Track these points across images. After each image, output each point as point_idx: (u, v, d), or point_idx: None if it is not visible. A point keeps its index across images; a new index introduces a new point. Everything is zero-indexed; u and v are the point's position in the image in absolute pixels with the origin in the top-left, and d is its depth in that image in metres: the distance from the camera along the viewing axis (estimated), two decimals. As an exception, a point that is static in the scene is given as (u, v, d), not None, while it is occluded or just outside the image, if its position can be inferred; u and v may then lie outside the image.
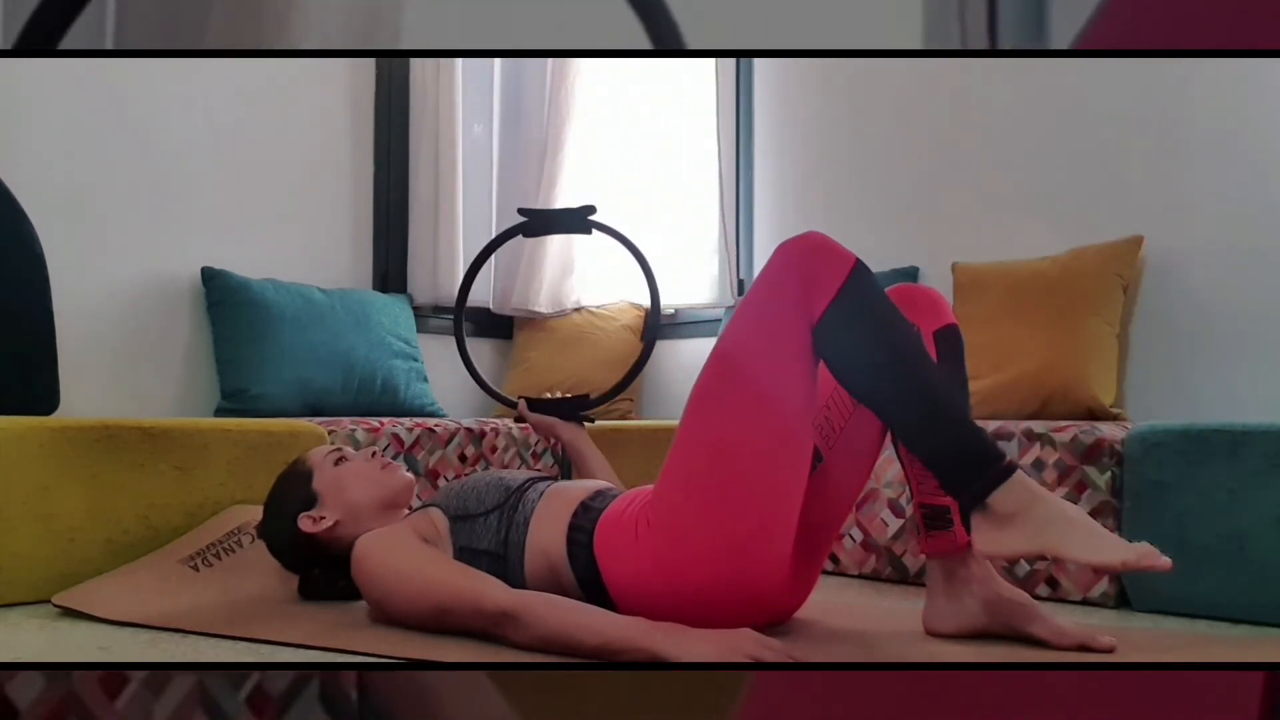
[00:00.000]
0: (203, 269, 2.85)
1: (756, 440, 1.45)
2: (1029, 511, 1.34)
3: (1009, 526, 1.34)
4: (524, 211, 2.09)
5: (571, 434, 2.05)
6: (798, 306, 1.43)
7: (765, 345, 1.45)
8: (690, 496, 1.48)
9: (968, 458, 1.37)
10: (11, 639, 1.57)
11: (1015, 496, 1.34)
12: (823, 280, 1.41)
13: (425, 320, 3.35)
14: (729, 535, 1.45)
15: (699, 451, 1.48)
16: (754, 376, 1.45)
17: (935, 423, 1.39)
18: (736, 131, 3.37)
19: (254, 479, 2.10)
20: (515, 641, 1.45)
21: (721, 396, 1.47)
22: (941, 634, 1.54)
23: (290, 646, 1.50)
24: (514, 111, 3.58)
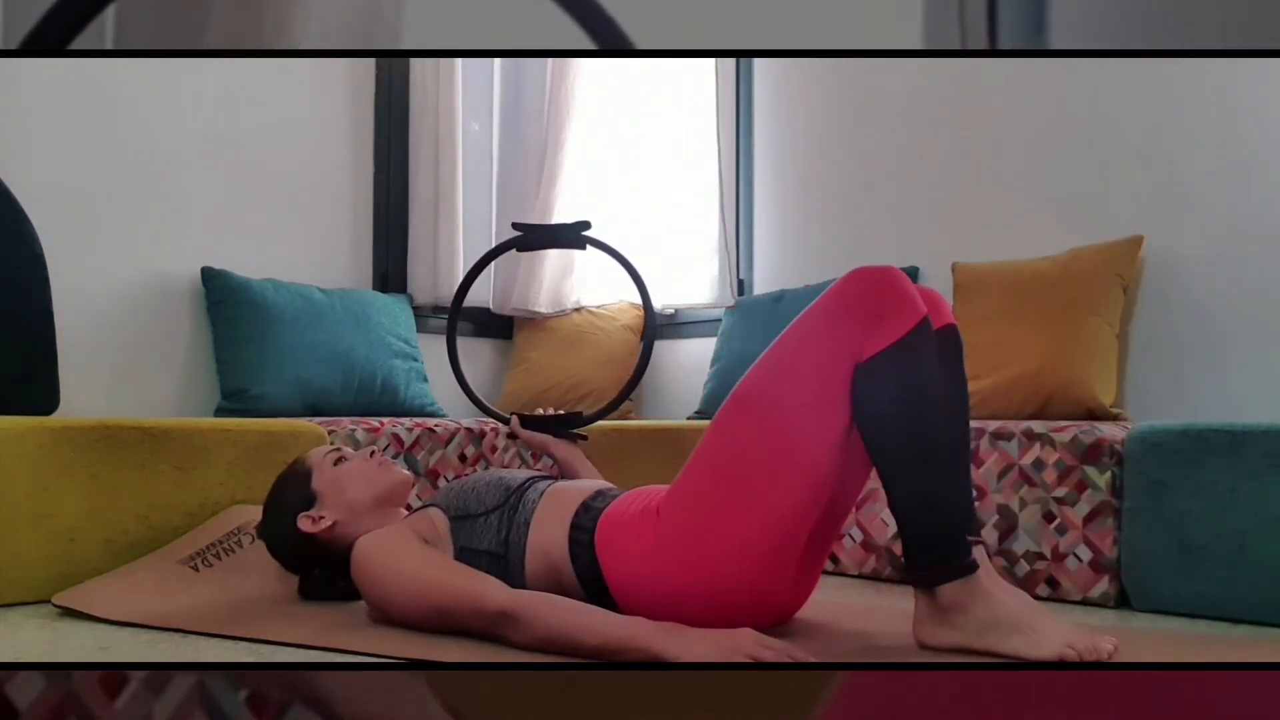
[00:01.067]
0: (203, 269, 2.85)
1: (782, 450, 1.45)
2: (970, 609, 1.40)
3: (947, 621, 1.41)
4: (519, 226, 2.09)
5: (565, 452, 2.04)
6: (853, 339, 1.43)
7: (810, 366, 1.45)
8: (711, 498, 1.48)
9: (937, 545, 1.41)
10: (11, 639, 1.57)
11: (963, 592, 1.40)
12: (887, 322, 1.41)
13: (425, 320, 3.35)
14: (744, 538, 1.46)
15: (725, 454, 1.49)
16: (793, 391, 1.45)
17: (927, 504, 1.42)
18: (736, 131, 3.37)
19: (254, 479, 2.10)
20: (515, 642, 1.45)
21: (759, 405, 1.48)
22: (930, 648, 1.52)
23: (290, 646, 1.50)
24: (514, 111, 3.58)
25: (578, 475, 2.00)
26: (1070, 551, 1.92)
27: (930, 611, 1.43)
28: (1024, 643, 1.37)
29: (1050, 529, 1.94)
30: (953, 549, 1.41)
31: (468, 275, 2.16)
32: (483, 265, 2.15)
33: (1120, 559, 1.88)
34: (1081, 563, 1.91)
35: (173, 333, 2.83)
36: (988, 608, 1.39)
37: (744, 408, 1.49)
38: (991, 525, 2.00)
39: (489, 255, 2.15)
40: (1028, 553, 1.97)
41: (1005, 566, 1.98)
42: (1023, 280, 2.55)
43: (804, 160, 3.27)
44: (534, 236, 2.10)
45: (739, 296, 3.27)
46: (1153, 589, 1.83)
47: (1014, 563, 1.98)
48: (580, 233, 2.06)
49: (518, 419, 2.06)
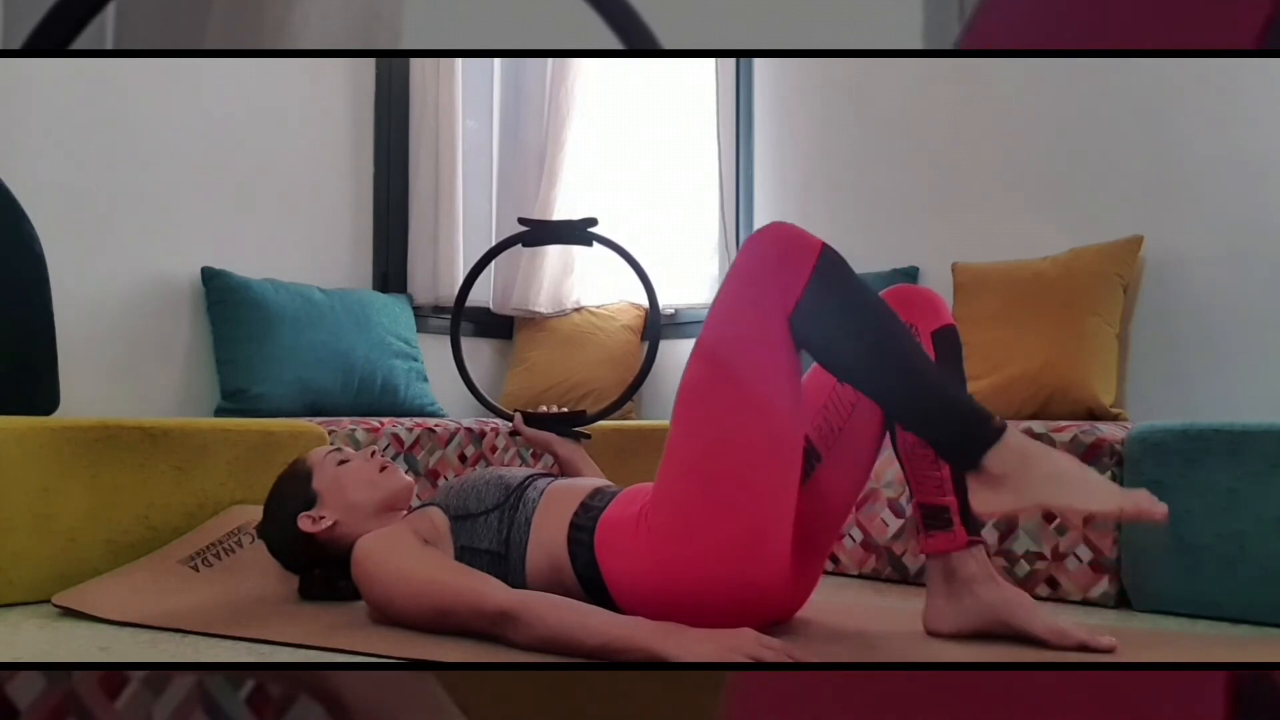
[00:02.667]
0: (203, 269, 2.85)
1: (746, 434, 1.45)
2: (1023, 470, 1.35)
3: (1003, 487, 1.36)
4: (524, 221, 2.08)
5: (568, 451, 2.03)
6: (772, 297, 1.43)
7: (744, 338, 1.46)
8: (685, 496, 1.48)
9: (958, 423, 1.39)
10: (11, 639, 1.57)
11: (1008, 456, 1.36)
12: (793, 268, 1.42)
13: (425, 320, 3.35)
14: (725, 532, 1.45)
15: (691, 450, 1.48)
16: (736, 370, 1.46)
17: (922, 393, 1.40)
18: (736, 131, 3.37)
19: (254, 479, 2.10)
20: (515, 642, 1.45)
21: (707, 393, 1.48)
22: (941, 634, 1.54)
23: (290, 646, 1.50)
24: (514, 111, 3.58)
25: (580, 474, 2.00)
26: (1070, 551, 1.92)
27: (983, 487, 1.38)
28: (1080, 495, 1.34)
29: (1050, 529, 1.94)
30: (971, 420, 1.38)
31: (473, 270, 2.16)
32: (487, 260, 2.15)
33: (1120, 559, 1.88)
34: (1081, 563, 1.91)
35: (173, 333, 2.83)
36: (1039, 462, 1.36)
37: (695, 401, 1.49)
38: (991, 525, 2.00)
39: (494, 250, 2.14)
40: (1028, 553, 1.97)
41: (1005, 566, 1.98)
42: (1023, 280, 2.55)
43: (804, 160, 3.27)
44: (540, 233, 2.09)
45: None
46: (1153, 589, 1.84)
47: (1014, 563, 1.98)
48: (587, 230, 2.05)
49: (521, 416, 2.05)
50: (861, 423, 1.59)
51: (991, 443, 1.36)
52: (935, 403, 1.40)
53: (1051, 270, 2.51)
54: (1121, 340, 2.45)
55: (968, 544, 1.51)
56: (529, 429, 2.04)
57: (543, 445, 2.05)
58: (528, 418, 2.05)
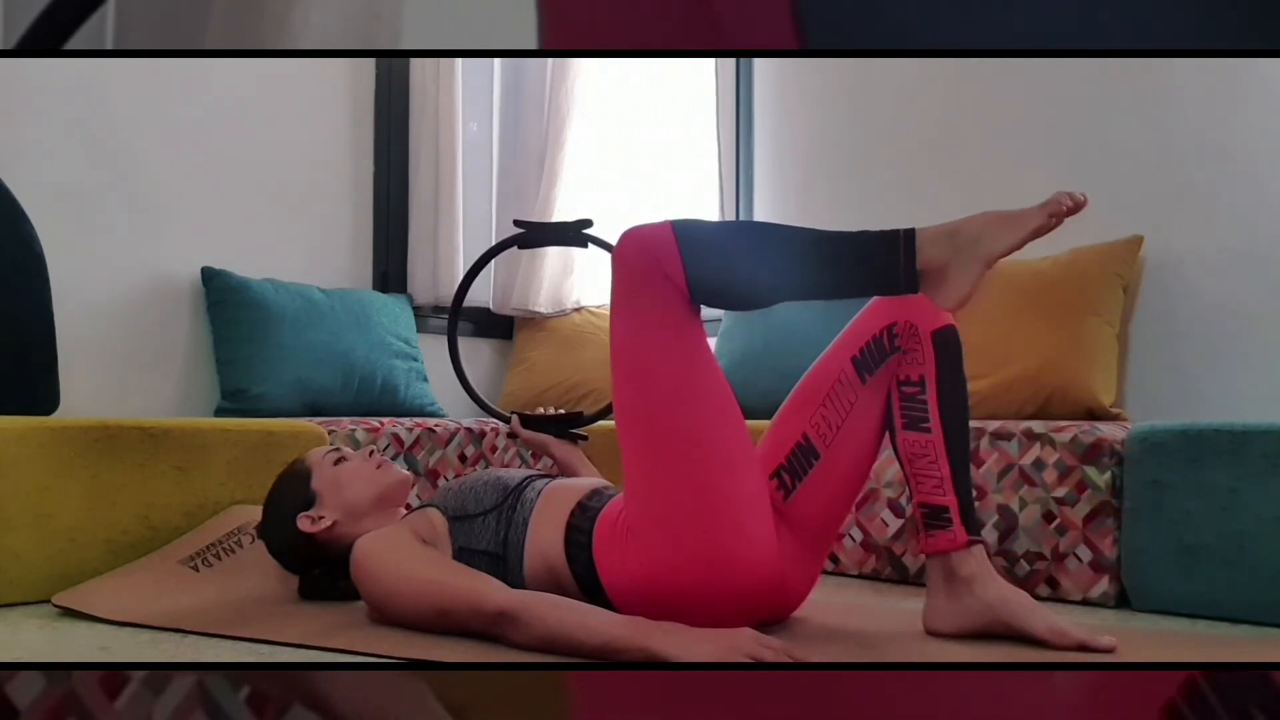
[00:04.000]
0: (203, 269, 2.85)
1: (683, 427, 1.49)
2: (957, 251, 1.46)
3: (949, 273, 1.45)
4: (520, 223, 2.09)
5: (565, 452, 2.04)
6: (659, 290, 1.49)
7: (652, 335, 1.52)
8: (648, 496, 1.51)
9: (873, 247, 1.45)
10: (11, 639, 1.57)
11: (940, 246, 1.45)
12: (663, 257, 1.48)
13: (425, 320, 3.35)
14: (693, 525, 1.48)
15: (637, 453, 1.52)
16: (658, 372, 1.51)
17: (826, 247, 1.46)
18: (736, 131, 3.36)
19: (254, 479, 2.10)
20: (515, 642, 1.45)
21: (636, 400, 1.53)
22: (941, 633, 1.54)
23: (290, 646, 1.50)
24: (514, 111, 3.58)
25: (578, 475, 2.00)
26: (1070, 551, 1.92)
27: (936, 280, 1.47)
28: (999, 240, 1.48)
29: (1050, 529, 1.94)
30: (879, 238, 1.46)
31: (469, 272, 2.16)
32: (484, 262, 2.16)
33: (1120, 559, 1.88)
34: (1081, 563, 1.91)
35: (173, 333, 2.83)
36: (966, 235, 1.50)
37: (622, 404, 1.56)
38: (991, 525, 2.00)
39: (491, 252, 2.15)
40: (1028, 553, 1.97)
41: (1005, 566, 1.98)
42: (1022, 280, 2.54)
43: (804, 160, 3.27)
44: (535, 234, 2.11)
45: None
46: (1153, 589, 1.83)
47: (1014, 563, 1.98)
48: (582, 231, 2.06)
49: (518, 418, 2.06)
50: (860, 422, 1.59)
51: (912, 240, 1.44)
52: (848, 247, 1.45)
53: (1051, 270, 2.51)
54: (1121, 340, 2.45)
55: (968, 544, 1.51)
56: (526, 431, 2.05)
57: (540, 447, 2.05)
58: (524, 419, 2.05)
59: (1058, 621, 1.48)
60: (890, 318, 1.57)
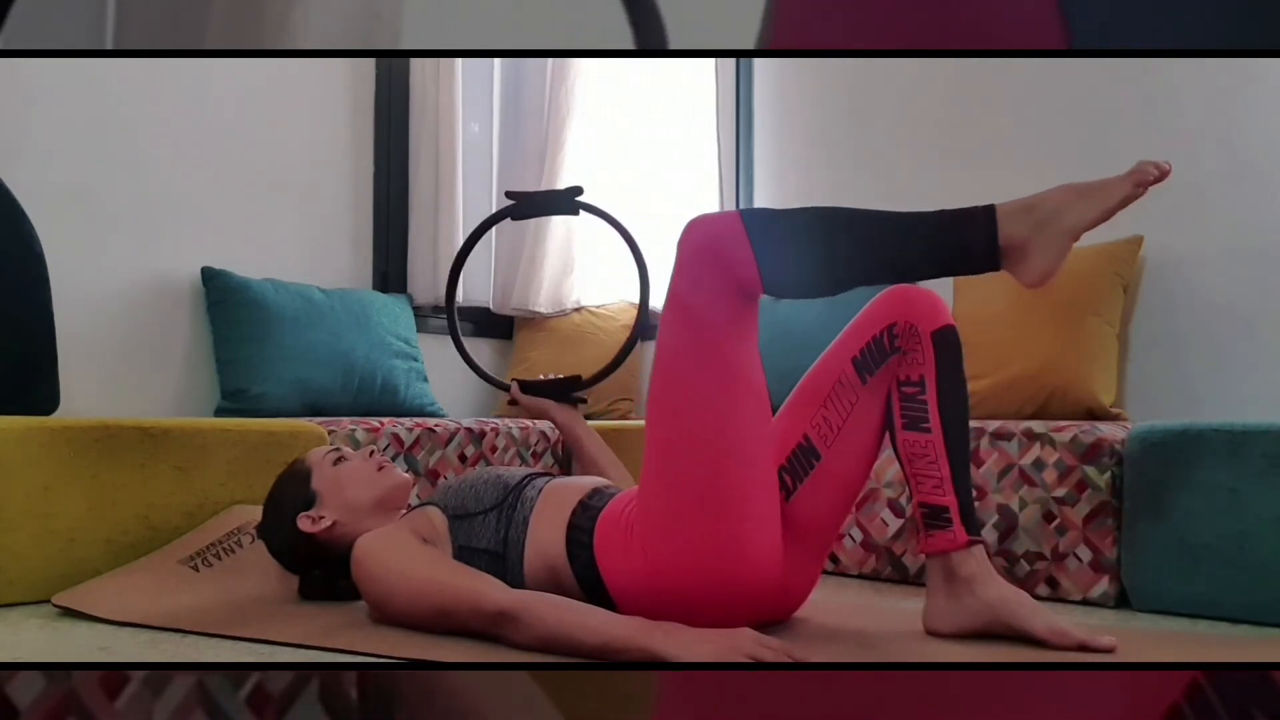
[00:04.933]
0: (203, 269, 2.84)
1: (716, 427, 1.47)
2: (1038, 226, 1.42)
3: (1030, 249, 1.42)
4: (511, 194, 2.09)
5: (566, 415, 2.05)
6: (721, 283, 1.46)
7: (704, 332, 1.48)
8: (665, 492, 1.50)
9: (951, 225, 1.44)
10: (11, 639, 1.57)
11: (1020, 222, 1.42)
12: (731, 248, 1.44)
13: (425, 320, 3.35)
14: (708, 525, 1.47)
15: (665, 447, 1.51)
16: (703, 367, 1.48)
17: (901, 227, 1.45)
18: (736, 131, 3.37)
19: (254, 479, 2.10)
20: (515, 641, 1.45)
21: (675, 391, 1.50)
22: (941, 633, 1.54)
23: (290, 646, 1.50)
24: (514, 111, 3.58)
25: (579, 439, 2.03)
26: (1070, 551, 1.92)
27: (1017, 257, 1.45)
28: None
29: (1050, 529, 1.94)
30: (960, 215, 1.45)
31: (464, 244, 2.17)
32: (479, 234, 2.16)
33: (1120, 559, 1.88)
34: (1081, 563, 1.91)
35: (173, 333, 2.83)
36: (1048, 209, 1.45)
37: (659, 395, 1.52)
38: (991, 525, 2.00)
39: (484, 224, 2.15)
40: (1028, 553, 1.97)
41: (1005, 566, 1.98)
42: (1023, 280, 2.54)
43: (804, 160, 3.27)
44: (528, 205, 2.10)
45: (739, 296, 3.27)
46: (1153, 589, 1.83)
47: (1014, 563, 1.98)
48: (573, 199, 2.06)
49: (517, 385, 2.07)
50: (861, 422, 1.59)
51: (993, 218, 1.41)
52: (929, 227, 1.44)
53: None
54: (1121, 340, 2.45)
55: (968, 544, 1.51)
56: (526, 396, 2.06)
57: (540, 411, 2.06)
58: (524, 385, 2.07)
59: (1058, 621, 1.48)
60: (890, 318, 1.57)
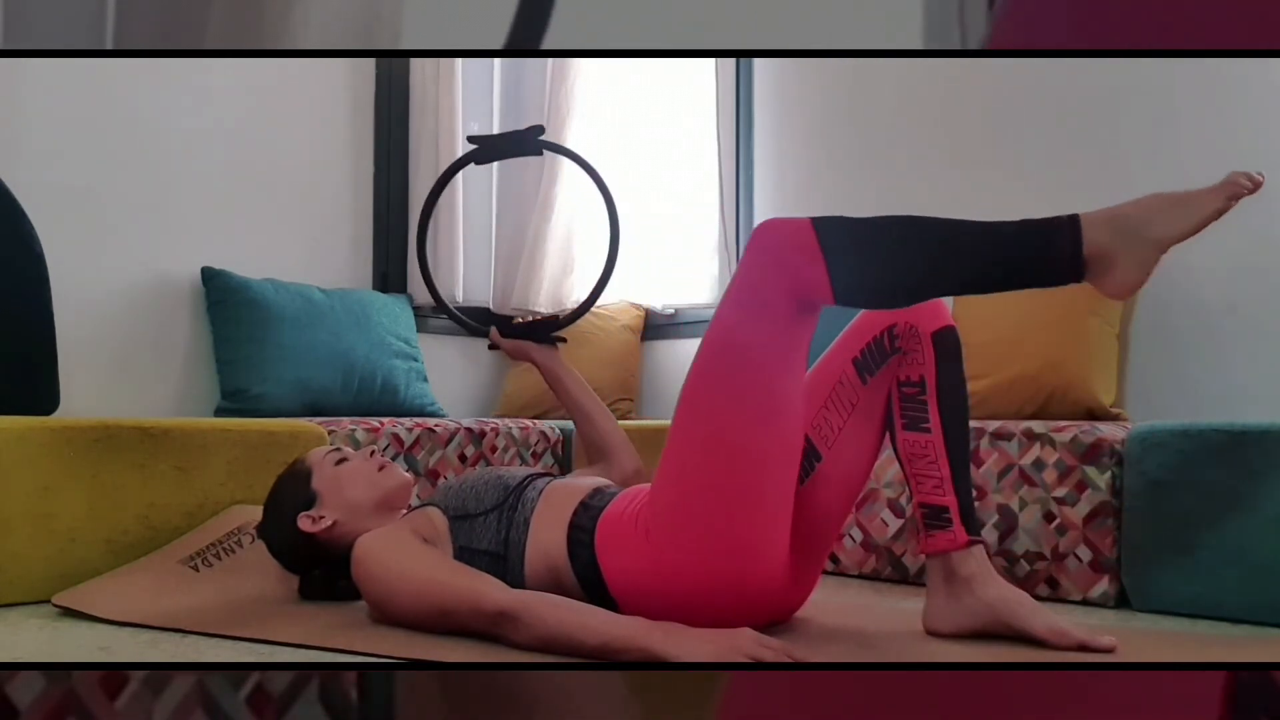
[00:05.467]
0: (203, 269, 2.85)
1: (749, 435, 1.45)
2: (1124, 237, 1.40)
3: (1116, 261, 1.40)
4: (473, 139, 2.07)
5: (545, 356, 2.05)
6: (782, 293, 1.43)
7: (754, 340, 1.45)
8: (684, 494, 1.48)
9: (1034, 235, 1.42)
10: (11, 639, 1.57)
11: (1106, 232, 1.41)
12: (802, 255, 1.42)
13: (425, 320, 3.35)
14: (723, 533, 1.46)
15: (691, 447, 1.48)
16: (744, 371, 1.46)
17: (982, 237, 1.44)
18: (736, 131, 3.36)
19: (254, 479, 2.10)
20: (515, 642, 1.44)
21: (712, 392, 1.48)
22: (941, 634, 1.54)
23: (290, 646, 1.50)
24: (514, 111, 3.58)
25: (559, 379, 2.02)
26: (1070, 551, 1.92)
27: (1101, 267, 1.43)
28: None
29: (1050, 529, 1.94)
30: (1043, 224, 1.45)
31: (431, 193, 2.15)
32: (446, 180, 2.14)
33: (1120, 559, 1.88)
34: (1081, 563, 1.91)
35: (173, 333, 2.83)
36: (1134, 218, 1.45)
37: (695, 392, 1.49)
38: (991, 525, 2.00)
39: (450, 171, 2.13)
40: (1028, 553, 1.97)
41: (1005, 566, 1.98)
42: (1023, 280, 2.54)
43: (804, 160, 3.27)
44: (490, 148, 2.06)
45: (739, 296, 3.27)
46: (1153, 589, 1.83)
47: (1014, 563, 1.98)
48: (535, 139, 2.04)
49: (496, 329, 2.07)
50: (862, 422, 1.59)
51: (1078, 227, 1.40)
52: (1008, 237, 1.41)
53: (1051, 270, 2.51)
54: (1121, 340, 2.45)
55: (968, 544, 1.51)
56: (506, 340, 2.06)
57: (521, 353, 2.06)
58: (503, 329, 2.07)
59: (1058, 621, 1.48)
60: (890, 318, 1.57)
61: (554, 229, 3.44)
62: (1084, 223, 1.39)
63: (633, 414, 3.36)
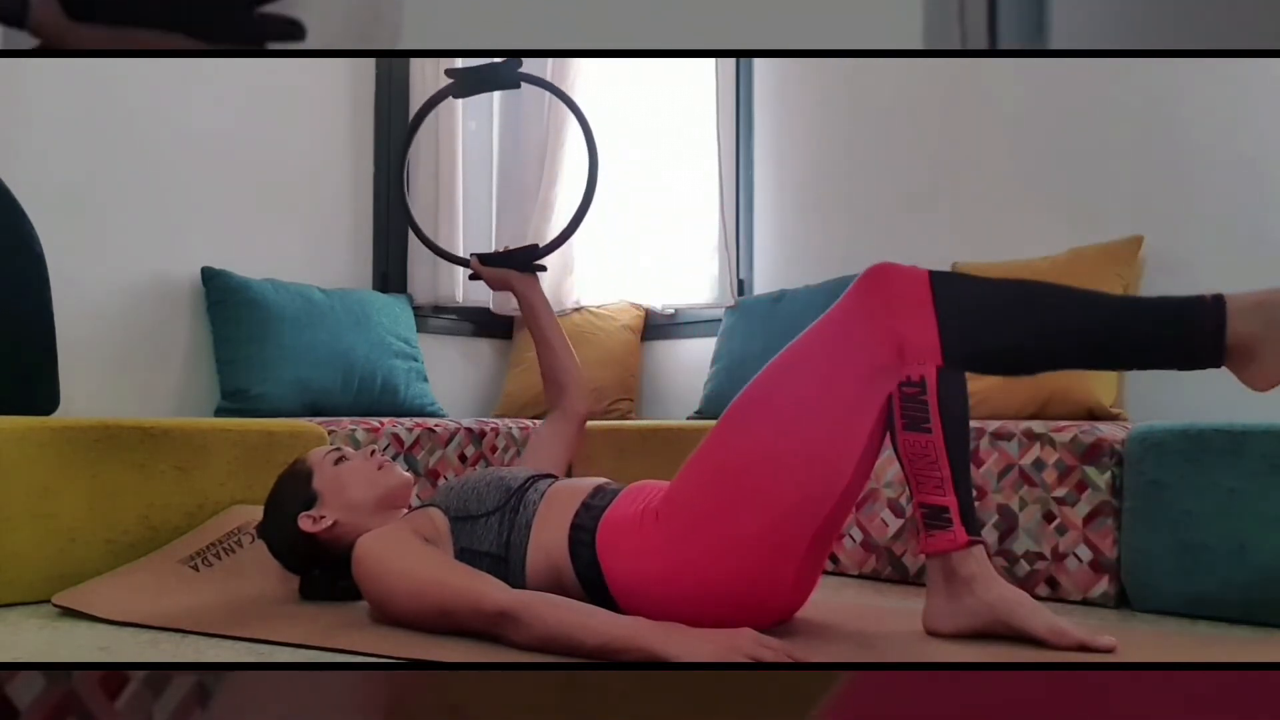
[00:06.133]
0: (203, 269, 2.85)
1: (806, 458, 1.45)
2: (1271, 326, 1.34)
3: (1260, 352, 1.35)
4: (450, 72, 2.09)
5: (525, 284, 2.08)
6: (886, 346, 1.40)
7: (837, 374, 1.43)
8: (715, 495, 1.48)
9: (1172, 315, 1.33)
10: (11, 639, 1.57)
11: (1252, 320, 1.35)
12: (911, 307, 1.38)
13: (425, 320, 3.35)
14: (744, 540, 1.46)
15: (734, 455, 1.48)
16: (817, 405, 1.44)
17: (1114, 312, 1.35)
18: (736, 131, 3.36)
19: (254, 479, 2.10)
20: (515, 641, 1.44)
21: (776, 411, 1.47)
22: (941, 634, 1.54)
23: (290, 646, 1.50)
24: (514, 111, 3.58)
25: (535, 310, 2.06)
26: (1070, 551, 1.92)
27: (1243, 361, 1.39)
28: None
29: (1050, 529, 1.94)
30: (1181, 304, 1.36)
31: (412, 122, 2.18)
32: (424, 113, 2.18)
33: (1120, 559, 1.88)
34: (1081, 563, 1.91)
35: (173, 333, 2.83)
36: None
37: (760, 406, 1.49)
38: (991, 525, 2.00)
39: (428, 104, 2.16)
40: (1028, 553, 1.97)
41: (1005, 566, 1.98)
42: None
43: (804, 160, 3.27)
44: (468, 81, 2.09)
45: (739, 296, 3.27)
46: (1153, 589, 1.83)
47: (1014, 563, 1.98)
48: (515, 71, 2.06)
49: (476, 258, 2.09)
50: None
51: (1223, 308, 1.33)
52: (1132, 323, 1.34)
53: (1051, 270, 2.51)
54: (1121, 340, 2.45)
55: (968, 544, 1.51)
56: (486, 268, 2.08)
57: (501, 281, 2.09)
58: (483, 257, 2.09)
59: (1058, 621, 1.48)
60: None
61: (554, 229, 3.44)
62: (1230, 306, 1.33)
63: (633, 414, 3.36)
